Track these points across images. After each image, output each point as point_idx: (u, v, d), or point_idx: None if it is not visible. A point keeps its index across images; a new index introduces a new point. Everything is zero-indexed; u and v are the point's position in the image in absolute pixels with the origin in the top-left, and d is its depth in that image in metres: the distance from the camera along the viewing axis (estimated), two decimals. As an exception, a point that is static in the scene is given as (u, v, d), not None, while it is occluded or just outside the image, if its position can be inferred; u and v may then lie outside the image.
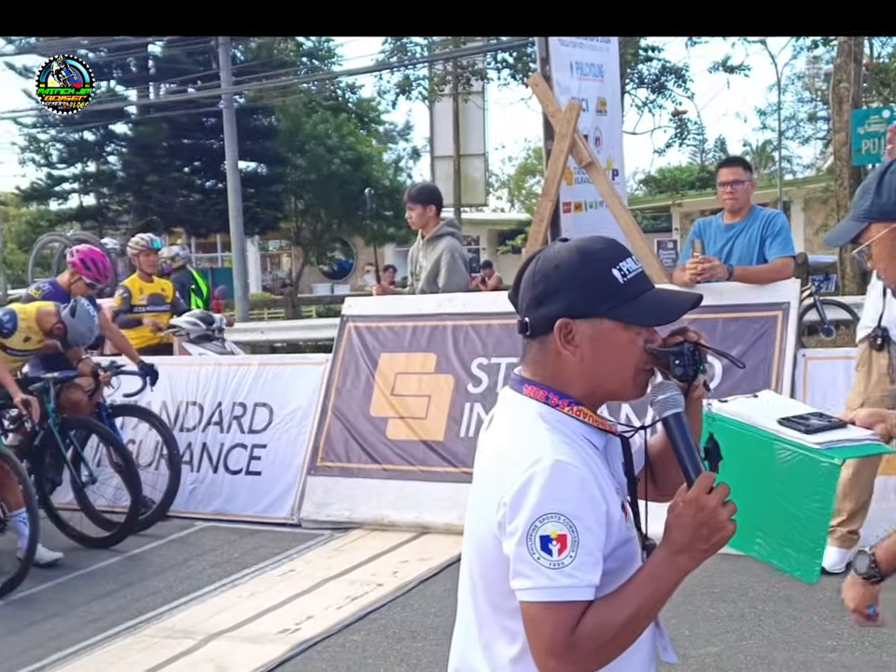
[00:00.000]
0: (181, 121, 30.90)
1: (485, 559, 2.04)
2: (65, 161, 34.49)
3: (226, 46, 23.95)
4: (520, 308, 2.12)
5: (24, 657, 5.68)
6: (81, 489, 8.02)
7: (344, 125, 35.70)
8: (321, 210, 37.58)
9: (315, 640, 5.57)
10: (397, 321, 8.09)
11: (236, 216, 23.85)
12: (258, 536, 7.75)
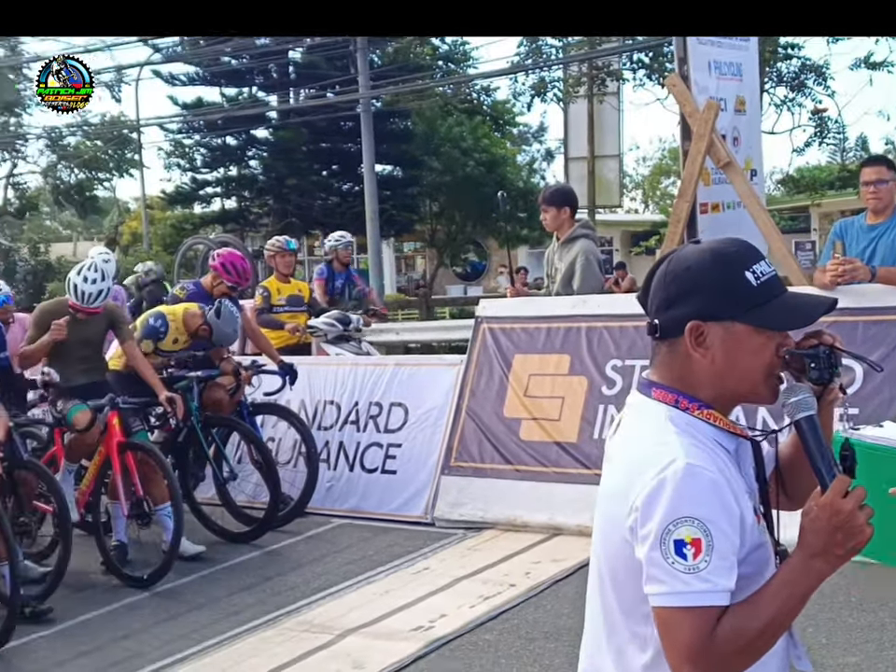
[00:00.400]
0: (320, 126, 31.37)
1: (616, 564, 2.02)
2: (209, 165, 35.34)
3: (364, 51, 24.24)
4: (649, 309, 2.10)
5: (169, 647, 5.85)
6: (223, 485, 8.20)
7: (479, 128, 35.77)
8: (455, 212, 37.72)
9: (449, 638, 5.61)
10: (531, 322, 8.08)
11: (373, 218, 24.09)
12: (392, 534, 7.83)
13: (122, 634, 6.17)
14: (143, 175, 35.50)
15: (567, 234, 8.06)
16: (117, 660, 5.74)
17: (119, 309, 8.16)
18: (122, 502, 7.23)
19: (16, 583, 6.02)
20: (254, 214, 35.76)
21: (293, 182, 32.67)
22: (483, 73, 32.76)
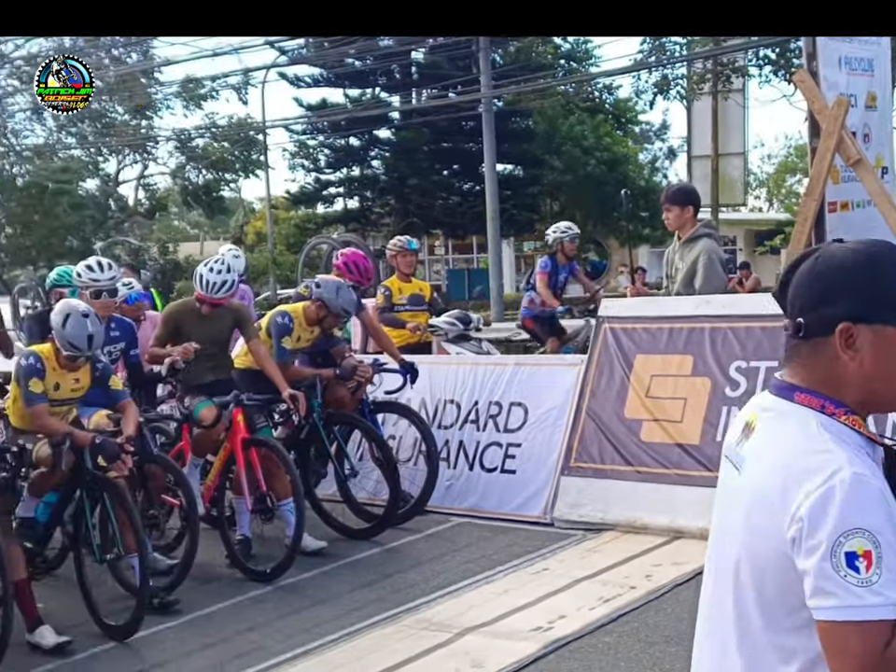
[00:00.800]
0: (441, 125, 31.51)
1: (765, 575, 1.94)
2: (332, 165, 35.78)
3: (486, 51, 24.25)
4: (791, 308, 2.02)
5: (291, 641, 5.92)
6: (344, 482, 8.27)
7: (601, 126, 35.54)
8: (576, 211, 37.52)
9: (568, 640, 5.57)
10: (653, 323, 7.98)
11: (493, 217, 24.09)
12: (511, 533, 7.81)
13: (246, 626, 6.26)
14: (268, 175, 36.06)
15: (690, 234, 7.94)
16: (241, 652, 5.83)
17: (245, 308, 8.28)
18: (246, 497, 7.34)
19: (145, 575, 6.16)
20: (376, 214, 36.10)
21: (415, 182, 32.88)
22: (605, 71, 32.57)
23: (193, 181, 41.16)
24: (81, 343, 6.28)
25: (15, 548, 6.08)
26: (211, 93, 36.21)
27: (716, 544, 2.11)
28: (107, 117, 37.67)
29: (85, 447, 6.22)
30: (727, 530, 2.06)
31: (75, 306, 6.53)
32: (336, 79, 33.55)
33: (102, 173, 41.75)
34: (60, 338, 6.32)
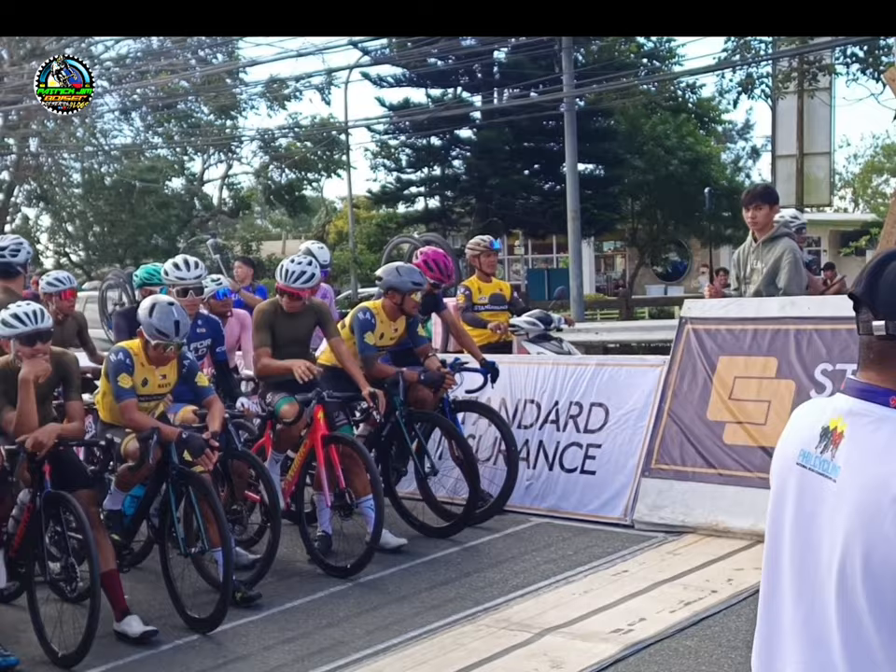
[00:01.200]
0: (523, 125, 31.42)
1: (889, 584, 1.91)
2: (413, 165, 35.87)
3: (569, 50, 24.13)
4: (885, 308, 1.97)
5: (371, 637, 5.96)
6: (424, 480, 8.29)
7: (684, 125, 35.20)
8: (657, 211, 37.24)
9: (648, 643, 5.53)
10: (736, 324, 7.89)
11: (574, 217, 23.95)
12: (591, 534, 7.78)
13: (326, 622, 6.31)
14: (350, 175, 36.26)
15: (770, 233, 7.87)
16: (322, 647, 5.88)
17: (326, 306, 8.34)
18: (326, 493, 7.40)
19: (229, 569, 6.23)
20: (456, 213, 36.11)
21: (495, 181, 32.84)
22: (688, 70, 32.21)
23: (276, 180, 41.55)
24: (168, 328, 6.41)
25: (104, 539, 6.20)
26: (295, 94, 36.52)
27: (797, 554, 2.06)
28: (193, 117, 38.18)
29: (172, 442, 6.32)
30: (816, 541, 2.00)
31: (159, 298, 6.71)
32: (418, 79, 33.63)
33: (187, 172, 42.32)
34: (147, 327, 6.45)
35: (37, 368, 6.08)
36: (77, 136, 37.16)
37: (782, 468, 2.13)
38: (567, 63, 24.18)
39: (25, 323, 6.09)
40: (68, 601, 6.30)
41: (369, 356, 7.99)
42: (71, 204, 41.69)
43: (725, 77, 28.34)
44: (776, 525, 2.13)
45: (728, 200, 33.05)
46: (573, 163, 24.23)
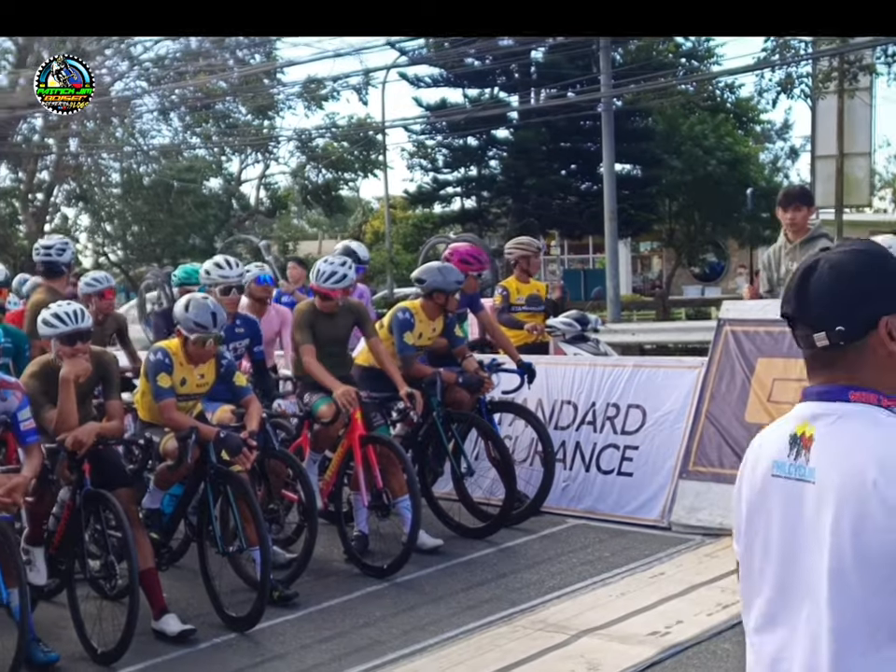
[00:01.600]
0: (560, 125, 31.35)
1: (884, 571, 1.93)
2: (450, 165, 35.88)
3: (606, 50, 24.08)
4: (818, 321, 2.07)
5: (407, 637, 5.98)
6: (460, 480, 8.30)
7: (722, 125, 35.02)
8: (695, 212, 37.06)
9: (686, 646, 5.52)
10: (775, 326, 7.83)
11: (611, 218, 23.89)
12: (627, 536, 7.76)
13: (363, 622, 6.34)
14: (387, 175, 36.35)
15: (809, 234, 7.84)
16: (358, 647, 5.90)
17: (364, 306, 8.36)
18: (364, 493, 7.42)
19: (266, 568, 6.26)
20: (492, 213, 36.08)
21: (532, 182, 32.78)
22: (727, 70, 32.01)
23: (313, 180, 41.67)
24: (206, 320, 6.47)
25: (142, 538, 6.25)
26: (332, 94, 36.58)
27: (785, 563, 2.09)
28: (231, 117, 38.34)
29: (210, 441, 6.36)
30: (802, 546, 2.05)
31: (194, 294, 6.81)
32: (455, 79, 33.62)
33: (225, 172, 42.50)
34: (185, 322, 6.50)
35: (78, 367, 6.13)
36: (116, 136, 37.41)
37: (756, 485, 2.18)
38: (605, 63, 24.12)
39: (66, 322, 6.15)
40: (108, 598, 6.36)
41: (408, 355, 8.01)
42: (110, 204, 41.97)
43: (764, 76, 28.16)
44: (756, 539, 2.17)
45: (767, 200, 32.86)
46: (610, 164, 24.17)
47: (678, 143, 34.14)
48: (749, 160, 36.53)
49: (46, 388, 6.20)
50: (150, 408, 6.75)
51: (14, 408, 5.77)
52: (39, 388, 6.20)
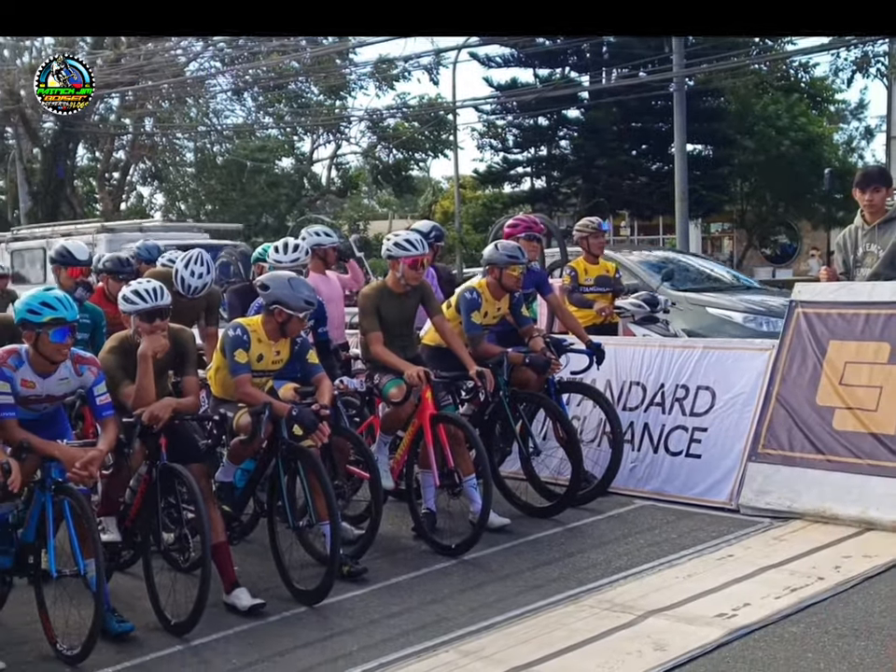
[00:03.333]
0: (631, 105, 31.12)
1: None
2: (520, 145, 35.80)
3: (679, 29, 23.81)
4: None
5: (474, 615, 6.00)
6: (528, 460, 8.30)
7: (796, 105, 34.52)
8: (767, 192, 36.61)
9: (753, 628, 5.48)
10: (848, 308, 7.74)
11: (682, 198, 23.71)
12: (695, 518, 7.72)
13: (430, 598, 6.37)
14: (457, 155, 36.27)
15: (887, 215, 7.73)
16: (426, 622, 5.93)
17: (429, 284, 8.33)
18: (434, 472, 7.46)
19: (336, 543, 6.32)
20: (562, 194, 35.95)
21: (602, 162, 32.62)
22: (801, 49, 31.48)
23: (384, 160, 41.82)
24: (313, 298, 6.73)
25: (215, 512, 6.33)
26: (403, 74, 36.66)
27: None
28: (303, 97, 38.54)
29: (283, 417, 6.43)
30: None
31: (287, 273, 6.93)
32: (526, 59, 33.50)
33: (297, 152, 42.82)
34: (294, 300, 6.60)
35: (156, 344, 6.23)
36: (190, 117, 37.79)
37: None
38: (678, 43, 23.88)
39: (146, 300, 6.24)
40: (181, 571, 6.45)
41: (475, 334, 8.02)
42: (184, 183, 42.50)
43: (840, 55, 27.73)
44: None
45: (841, 181, 32.35)
46: (682, 144, 23.97)
47: (750, 123, 33.75)
48: (823, 140, 36.03)
49: (124, 364, 6.30)
50: (224, 384, 6.83)
51: (90, 382, 5.88)
52: (118, 363, 6.30)
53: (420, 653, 5.48)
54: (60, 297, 5.73)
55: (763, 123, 33.57)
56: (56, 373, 5.80)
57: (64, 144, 30.57)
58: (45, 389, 5.82)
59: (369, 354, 7.73)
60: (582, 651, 5.35)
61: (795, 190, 34.17)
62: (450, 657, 5.39)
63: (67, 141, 30.76)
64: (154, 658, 5.71)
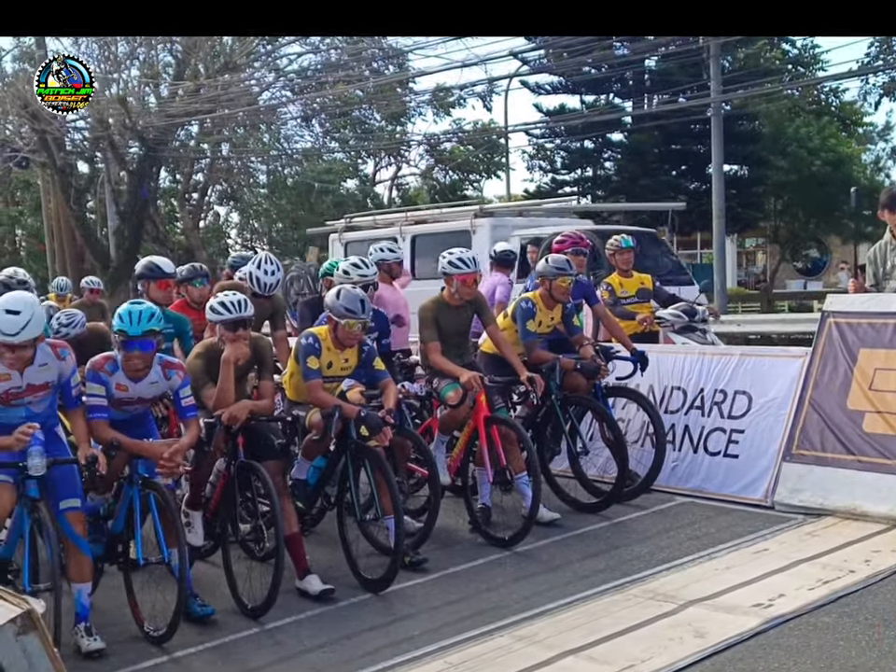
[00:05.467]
0: (671, 129, 30.96)
1: None
2: (567, 167, 35.75)
3: (716, 57, 23.69)
4: None
5: (527, 602, 6.00)
6: (576, 459, 8.29)
7: (826, 128, 34.17)
8: (799, 210, 36.25)
9: (788, 617, 5.43)
10: (878, 318, 7.66)
11: (719, 216, 23.59)
12: (732, 514, 7.67)
13: (486, 587, 6.38)
14: (508, 176, 36.35)
15: (915, 230, 7.65)
16: (482, 609, 5.94)
17: (482, 296, 8.33)
18: (488, 469, 7.47)
19: (400, 535, 6.36)
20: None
21: (645, 182, 32.45)
22: (832, 75, 31.11)
23: (441, 181, 41.90)
24: (356, 307, 6.62)
25: (288, 505, 6.39)
26: (459, 101, 36.74)
27: None
28: (367, 123, 38.73)
29: (351, 418, 6.48)
30: None
31: (343, 285, 6.95)
32: (573, 86, 33.47)
33: (361, 174, 43.00)
34: (335, 309, 6.62)
35: (238, 351, 6.31)
36: (263, 142, 38.09)
37: None
38: (715, 70, 23.76)
39: (231, 311, 6.32)
40: (256, 560, 6.52)
41: (530, 342, 8.04)
42: (257, 203, 42.79)
43: (868, 80, 27.40)
44: None
45: (869, 199, 31.96)
46: (719, 164, 23.85)
47: (783, 144, 33.47)
48: (852, 160, 35.64)
49: (208, 368, 6.38)
50: (298, 388, 6.89)
51: (177, 385, 5.97)
52: (202, 367, 6.39)
53: (477, 638, 5.49)
54: (132, 311, 5.76)
55: (795, 144, 33.28)
56: (147, 378, 5.90)
57: (148, 167, 30.91)
58: (136, 392, 5.92)
59: (428, 361, 7.76)
60: (628, 637, 5.33)
61: (825, 207, 33.82)
62: (505, 641, 5.40)
63: (151, 165, 31.10)
64: (232, 640, 5.77)
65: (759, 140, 33.36)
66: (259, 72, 33.63)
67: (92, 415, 5.77)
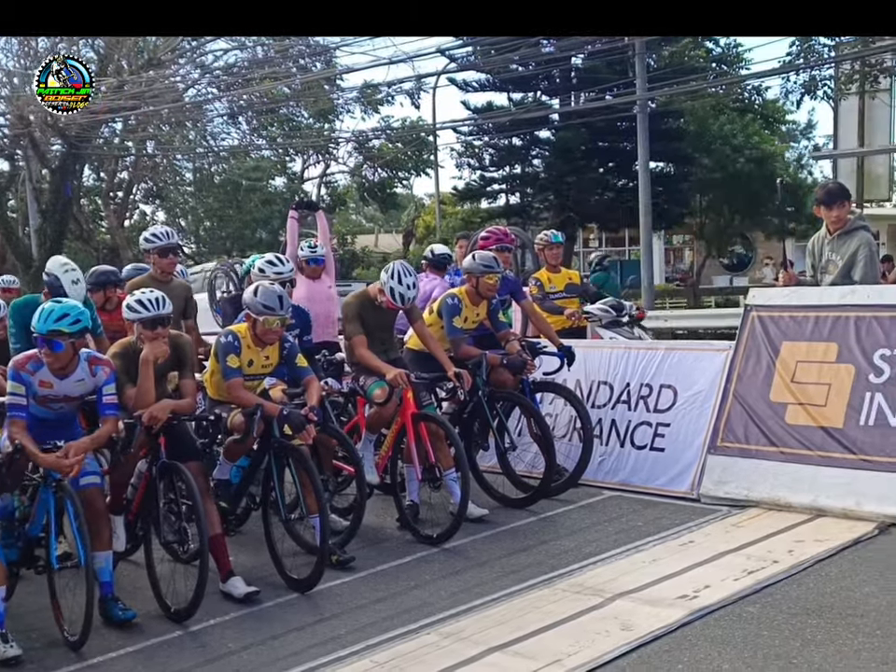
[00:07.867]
0: (598, 126, 31.15)
1: None
2: (495, 164, 35.81)
3: (642, 56, 23.88)
4: None
5: (454, 599, 5.98)
6: (504, 455, 8.29)
7: (750, 125, 34.67)
8: (724, 206, 36.75)
9: (713, 608, 5.47)
10: (799, 311, 7.76)
11: (645, 212, 23.77)
12: (659, 507, 7.72)
13: (414, 584, 6.34)
14: (437, 173, 36.33)
15: (846, 226, 7.73)
16: (409, 607, 5.90)
17: None
18: (416, 466, 7.43)
19: (325, 534, 6.29)
20: (535, 208, 35.96)
21: (572, 179, 32.63)
22: (754, 73, 31.46)
23: (370, 179, 41.77)
24: (274, 303, 6.54)
25: (211, 506, 6.29)
26: (387, 98, 36.61)
27: None
28: (294, 120, 38.44)
29: (274, 417, 6.39)
30: None
31: (261, 282, 6.88)
32: (501, 84, 33.50)
33: (289, 171, 42.70)
34: (254, 306, 6.55)
35: (157, 350, 6.19)
36: (189, 139, 37.64)
37: None
38: (640, 68, 23.94)
39: (148, 309, 6.20)
40: (180, 561, 6.42)
41: (457, 338, 8.02)
42: (184, 201, 42.32)
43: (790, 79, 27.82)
44: None
45: (792, 196, 32.51)
46: (645, 162, 24.03)
47: (708, 142, 33.90)
48: (775, 157, 36.20)
49: (127, 368, 6.25)
50: (219, 386, 6.79)
51: (101, 382, 5.87)
52: (121, 367, 6.25)
53: (404, 635, 5.46)
54: (46, 309, 5.73)
55: (719, 142, 33.73)
56: (73, 375, 5.80)
57: (71, 165, 30.37)
58: (62, 390, 5.83)
59: (353, 357, 7.70)
60: (555, 631, 5.33)
61: (750, 204, 34.30)
62: (432, 639, 5.36)
63: (74, 162, 30.56)
64: (156, 643, 5.66)
65: (684, 137, 33.73)
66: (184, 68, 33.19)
67: (10, 413, 5.70)
